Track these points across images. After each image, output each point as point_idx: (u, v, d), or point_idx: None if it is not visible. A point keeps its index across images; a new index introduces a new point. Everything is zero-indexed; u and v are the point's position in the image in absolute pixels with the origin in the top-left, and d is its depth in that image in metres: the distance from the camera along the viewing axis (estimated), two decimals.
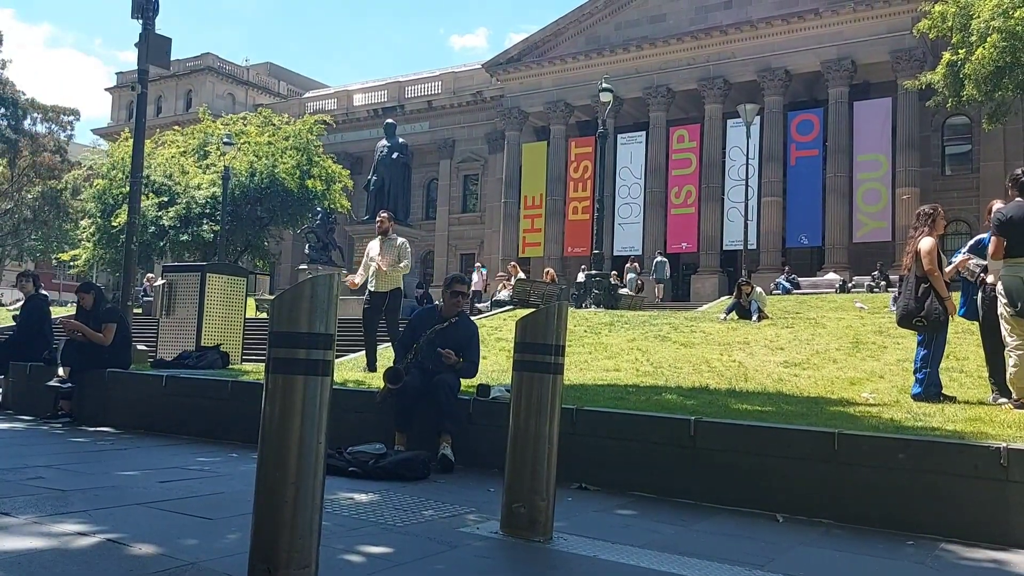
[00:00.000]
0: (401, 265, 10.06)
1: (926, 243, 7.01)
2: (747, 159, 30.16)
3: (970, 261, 7.34)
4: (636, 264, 33.06)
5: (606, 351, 12.15)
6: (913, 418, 5.69)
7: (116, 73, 62.84)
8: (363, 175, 34.90)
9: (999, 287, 6.46)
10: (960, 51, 22.47)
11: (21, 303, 10.41)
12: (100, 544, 3.50)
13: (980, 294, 7.13)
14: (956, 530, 4.20)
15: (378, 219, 10.53)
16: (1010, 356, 6.39)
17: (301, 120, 36.71)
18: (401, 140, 24.97)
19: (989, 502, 4.18)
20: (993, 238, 6.52)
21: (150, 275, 32.01)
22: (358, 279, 10.28)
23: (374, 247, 10.24)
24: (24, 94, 50.50)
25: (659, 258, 33.70)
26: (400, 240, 10.36)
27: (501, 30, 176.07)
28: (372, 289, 10.19)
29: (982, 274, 7.13)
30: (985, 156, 34.44)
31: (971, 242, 7.70)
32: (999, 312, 6.49)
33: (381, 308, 10.17)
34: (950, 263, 7.69)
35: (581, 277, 26.69)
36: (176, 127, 40.29)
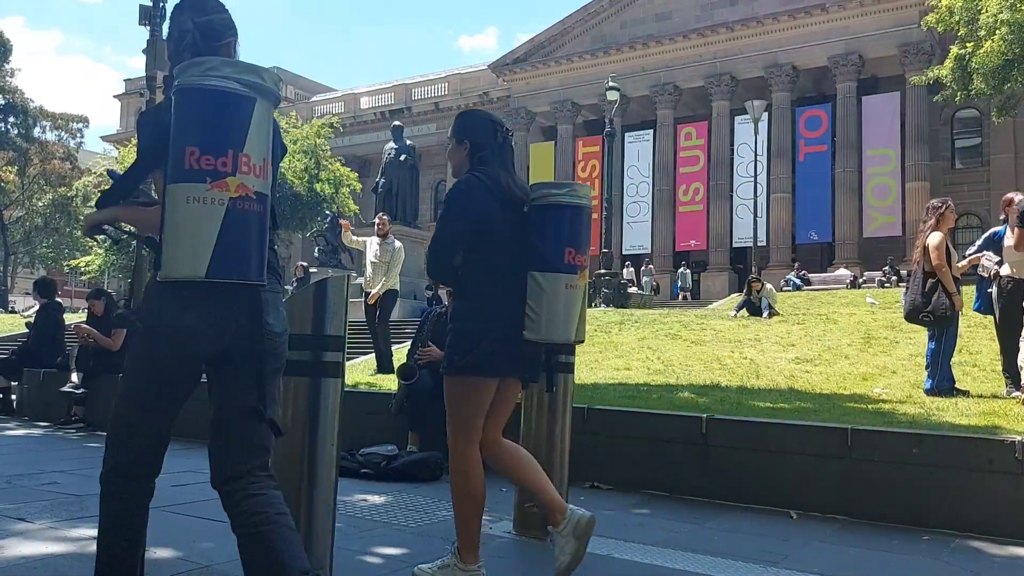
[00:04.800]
0: (390, 279, 10.08)
1: (935, 238, 6.97)
2: (755, 156, 30.04)
3: (983, 260, 7.30)
4: (651, 266, 34.03)
5: (616, 350, 12.13)
6: (926, 413, 5.66)
7: (124, 80, 63.11)
8: (371, 178, 34.93)
9: None
10: (968, 44, 22.35)
11: (35, 310, 10.48)
12: None
13: (995, 287, 7.10)
14: (971, 525, 4.18)
15: (377, 221, 10.61)
16: None
17: (308, 124, 36.77)
18: (408, 142, 24.97)
19: (1004, 496, 4.16)
20: (1019, 230, 6.52)
21: None
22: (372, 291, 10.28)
23: (371, 248, 10.30)
24: (33, 101, 50.70)
25: (683, 269, 34.99)
26: (398, 244, 10.39)
27: (510, 30, 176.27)
28: (366, 290, 10.29)
29: (996, 267, 7.09)
30: (995, 149, 34.28)
31: (985, 236, 7.66)
32: None
33: (375, 308, 10.24)
34: (963, 257, 7.66)
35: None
36: None
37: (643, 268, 33.67)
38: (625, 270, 33.25)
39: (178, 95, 2.22)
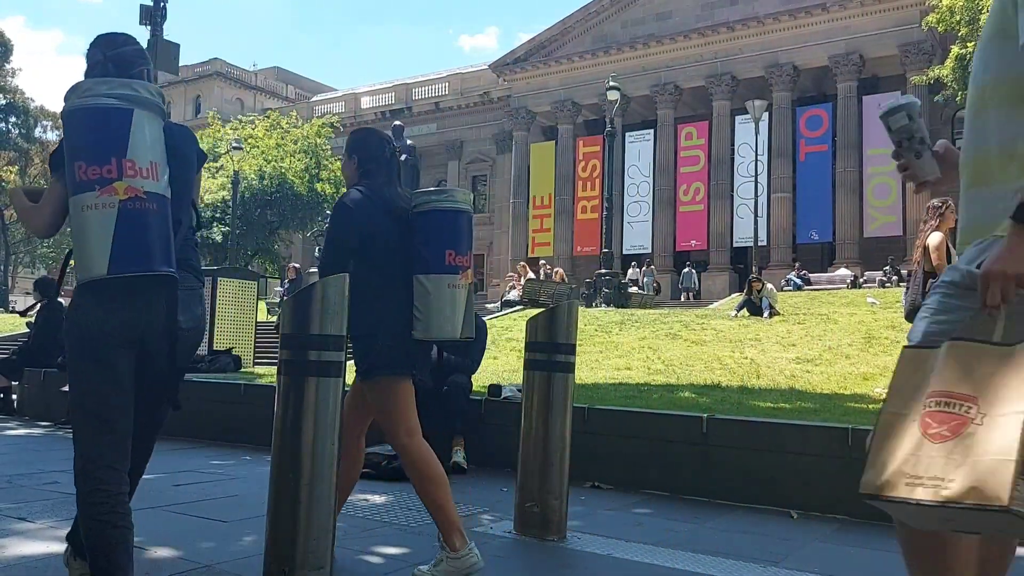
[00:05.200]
0: None
1: (935, 238, 6.97)
2: (756, 155, 30.02)
3: None
4: (653, 267, 34.49)
5: (617, 350, 12.14)
6: None
7: None
8: None
9: None
10: (969, 44, 22.31)
11: (36, 310, 10.47)
12: None
13: None
14: None
15: None
16: None
17: (309, 123, 36.79)
18: (409, 142, 24.99)
19: None
20: None
21: None
22: None
23: None
24: (34, 101, 50.72)
25: (687, 269, 35.09)
26: None
27: (511, 29, 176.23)
28: None
29: None
30: None
31: None
32: None
33: None
34: None
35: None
36: None
37: (644, 268, 33.77)
38: (631, 270, 33.35)
39: (63, 119, 2.46)
